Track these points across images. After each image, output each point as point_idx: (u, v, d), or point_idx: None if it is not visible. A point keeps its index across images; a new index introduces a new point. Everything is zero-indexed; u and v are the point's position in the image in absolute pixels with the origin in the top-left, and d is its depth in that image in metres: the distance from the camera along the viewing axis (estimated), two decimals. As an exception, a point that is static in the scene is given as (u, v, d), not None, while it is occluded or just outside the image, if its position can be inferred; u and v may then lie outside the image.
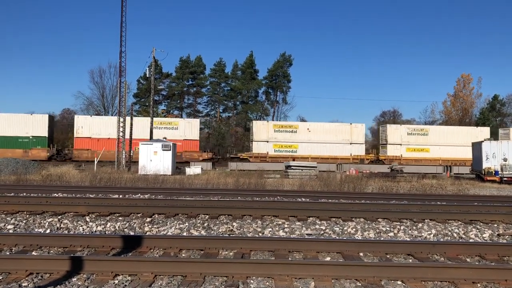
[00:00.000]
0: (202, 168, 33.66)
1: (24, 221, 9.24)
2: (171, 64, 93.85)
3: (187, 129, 43.05)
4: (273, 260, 6.30)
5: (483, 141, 31.58)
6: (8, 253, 6.89)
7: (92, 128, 41.18)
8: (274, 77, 71.24)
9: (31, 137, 41.00)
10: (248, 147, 50.69)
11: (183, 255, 7.00)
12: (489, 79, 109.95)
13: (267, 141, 42.94)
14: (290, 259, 6.75)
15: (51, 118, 44.23)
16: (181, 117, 67.39)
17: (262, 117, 70.29)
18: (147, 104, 60.22)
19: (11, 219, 9.41)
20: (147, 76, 42.96)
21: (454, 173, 39.22)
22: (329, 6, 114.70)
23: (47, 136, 41.66)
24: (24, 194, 13.54)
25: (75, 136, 41.59)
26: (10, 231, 8.67)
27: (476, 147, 32.56)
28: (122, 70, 36.99)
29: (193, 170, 31.88)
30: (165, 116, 61.38)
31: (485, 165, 30.50)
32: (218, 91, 72.56)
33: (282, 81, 71.26)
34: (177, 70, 70.64)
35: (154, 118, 39.18)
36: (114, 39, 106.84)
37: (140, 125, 40.19)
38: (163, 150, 30.82)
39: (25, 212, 10.15)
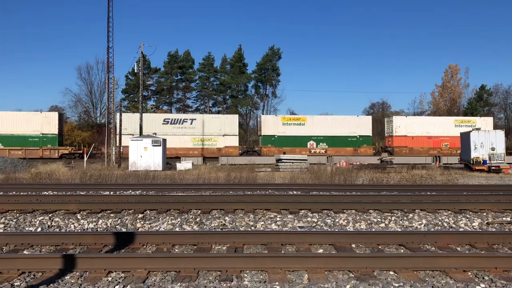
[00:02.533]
0: (192, 163, 33.61)
1: (15, 220, 9.16)
2: (159, 59, 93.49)
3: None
4: (266, 254, 6.32)
5: (471, 131, 31.89)
6: (-1, 253, 6.84)
7: (408, 127, 44.07)
8: (263, 70, 71.20)
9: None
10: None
11: (176, 250, 6.99)
12: (476, 69, 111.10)
13: None
14: (283, 252, 6.78)
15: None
16: (171, 112, 67.06)
17: (252, 111, 70.32)
18: (136, 99, 59.97)
19: (1, 218, 9.32)
20: (136, 71, 42.74)
21: (443, 163, 39.62)
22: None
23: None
24: (14, 192, 13.41)
25: (394, 134, 44.38)
26: (0, 230, 8.59)
27: (464, 137, 32.89)
28: (110, 66, 36.77)
29: (184, 165, 31.82)
30: (154, 112, 61.00)
31: (473, 154, 30.86)
32: (207, 86, 72.33)
33: (271, 74, 71.27)
34: (166, 65, 70.27)
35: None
36: (101, 34, 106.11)
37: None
38: (153, 145, 30.69)
39: (15, 211, 10.06)
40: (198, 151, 40.41)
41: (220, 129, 41.74)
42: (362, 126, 44.08)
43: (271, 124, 42.93)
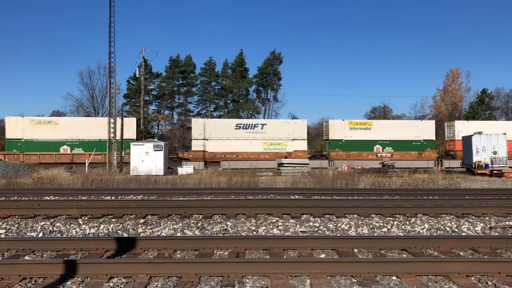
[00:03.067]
0: (194, 168, 33.60)
1: (16, 225, 9.15)
2: (161, 64, 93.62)
3: None
4: (268, 259, 6.30)
5: (473, 135, 31.84)
6: (0, 258, 6.82)
7: (469, 131, 44.22)
8: (264, 75, 71.24)
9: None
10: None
11: (177, 255, 6.97)
12: (478, 73, 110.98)
13: None
14: (285, 257, 6.76)
15: None
16: (172, 117, 67.08)
17: (253, 115, 70.31)
18: (137, 104, 59.97)
19: (3, 223, 9.31)
20: (137, 76, 42.92)
21: (445, 167, 39.55)
22: (318, 2, 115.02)
23: None
24: (15, 197, 13.41)
25: (456, 139, 44.82)
26: (2, 235, 8.58)
27: (466, 140, 32.84)
28: (111, 71, 36.82)
29: (186, 169, 31.81)
30: (155, 116, 61.03)
31: (475, 158, 30.79)
32: (208, 90, 72.37)
33: (273, 79, 71.29)
34: (167, 70, 70.36)
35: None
36: (103, 39, 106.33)
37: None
38: (154, 150, 30.72)
39: (16, 216, 10.05)
40: (269, 155, 41.38)
41: (289, 134, 42.76)
42: (426, 130, 44.46)
43: (339, 129, 43.80)
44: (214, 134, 41.28)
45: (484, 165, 30.26)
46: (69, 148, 40.06)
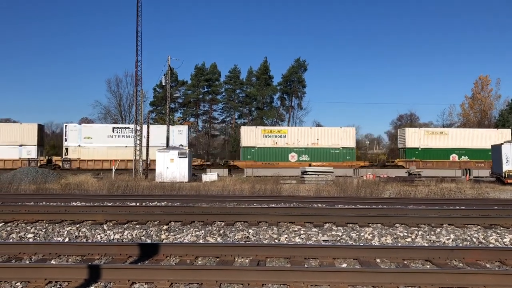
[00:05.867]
0: (218, 175, 33.76)
1: (44, 230, 9.39)
2: (186, 72, 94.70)
3: None
4: (289, 267, 6.28)
5: (502, 144, 31.02)
6: (27, 262, 7.01)
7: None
8: (288, 82, 71.24)
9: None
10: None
11: (199, 262, 7.02)
12: (508, 80, 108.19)
13: None
14: (306, 266, 6.72)
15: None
16: (197, 124, 67.68)
17: (277, 122, 70.30)
18: (163, 112, 60.78)
19: (31, 228, 9.58)
20: (163, 84, 43.50)
21: (474, 177, 38.61)
22: (343, 10, 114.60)
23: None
24: (44, 203, 13.73)
25: None
26: (30, 240, 8.82)
27: (496, 149, 32.01)
28: (138, 79, 37.47)
29: (209, 176, 31.99)
30: (181, 124, 61.64)
31: (505, 167, 29.96)
32: (233, 98, 72.79)
33: (297, 86, 71.17)
34: (193, 78, 71.15)
35: None
36: (130, 48, 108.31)
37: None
38: (179, 157, 31.03)
39: (44, 221, 10.30)
40: None
41: None
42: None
43: None
44: None
45: (515, 175, 29.40)
46: (457, 156, 43.55)
